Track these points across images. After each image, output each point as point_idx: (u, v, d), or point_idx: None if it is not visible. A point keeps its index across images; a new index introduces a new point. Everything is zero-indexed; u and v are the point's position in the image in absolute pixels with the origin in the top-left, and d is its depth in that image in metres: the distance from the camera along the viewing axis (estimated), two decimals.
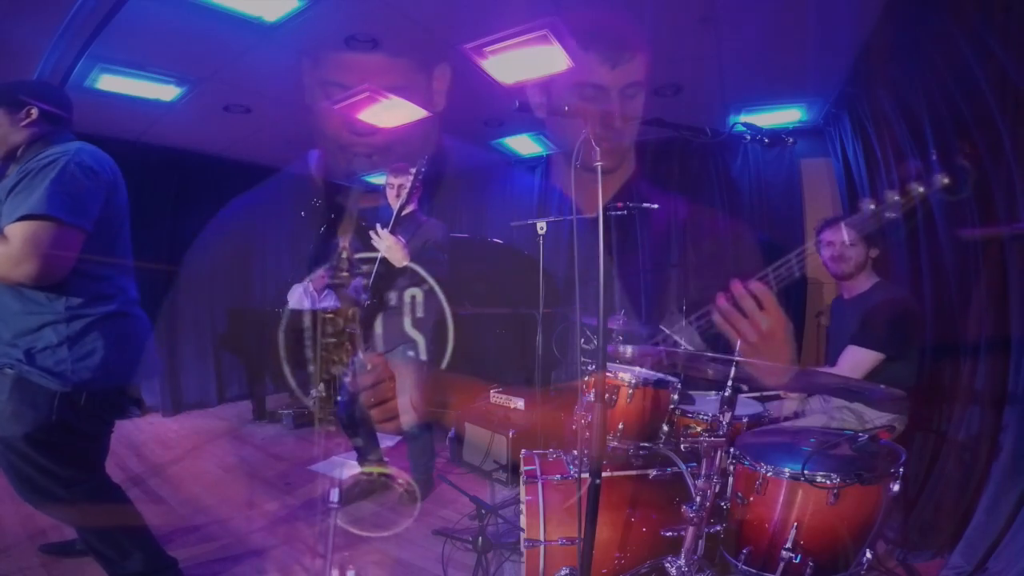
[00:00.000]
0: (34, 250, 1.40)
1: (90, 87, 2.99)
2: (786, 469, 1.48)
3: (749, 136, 1.59)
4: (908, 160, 2.22)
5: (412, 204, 2.59)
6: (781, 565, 1.42)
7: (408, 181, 2.42)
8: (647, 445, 1.81)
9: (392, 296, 2.48)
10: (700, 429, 2.00)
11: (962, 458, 1.96)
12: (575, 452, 1.85)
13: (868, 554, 1.47)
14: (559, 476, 1.75)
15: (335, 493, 1.61)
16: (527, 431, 2.83)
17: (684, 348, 2.12)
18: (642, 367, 2.12)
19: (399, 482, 2.71)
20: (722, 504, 1.62)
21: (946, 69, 1.99)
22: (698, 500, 1.43)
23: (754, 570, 1.51)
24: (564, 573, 1.61)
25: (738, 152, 3.96)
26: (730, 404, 1.48)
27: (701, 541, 1.49)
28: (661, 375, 1.96)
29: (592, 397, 1.26)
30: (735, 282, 1.48)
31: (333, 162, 4.38)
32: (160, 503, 2.58)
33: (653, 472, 1.76)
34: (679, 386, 1.89)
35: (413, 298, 2.49)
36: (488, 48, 2.68)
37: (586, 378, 1.96)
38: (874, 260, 2.14)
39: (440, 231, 2.58)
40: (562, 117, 1.25)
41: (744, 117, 3.63)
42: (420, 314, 2.49)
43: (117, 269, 1.68)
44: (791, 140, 1.60)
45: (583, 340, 2.73)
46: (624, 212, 2.68)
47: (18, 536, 2.16)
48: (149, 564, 1.71)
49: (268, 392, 4.43)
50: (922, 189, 1.38)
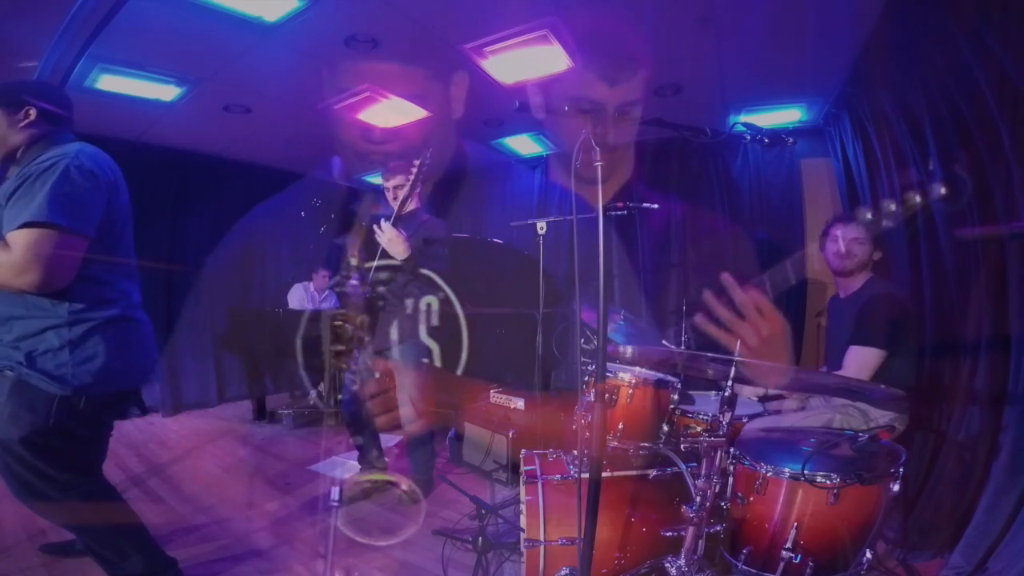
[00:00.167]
0: (36, 258, 1.39)
1: (90, 87, 2.99)
2: (786, 469, 1.48)
3: (749, 136, 1.59)
4: (907, 168, 2.23)
5: (414, 202, 2.59)
6: (781, 565, 1.42)
7: (405, 181, 2.42)
8: (647, 445, 1.81)
9: (408, 302, 2.48)
10: (700, 429, 2.00)
11: (962, 458, 1.96)
12: (575, 452, 1.85)
13: (868, 554, 1.47)
14: (559, 476, 1.75)
15: (336, 492, 1.61)
16: (527, 431, 2.83)
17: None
18: (643, 367, 2.12)
19: (401, 484, 2.71)
20: (722, 504, 1.62)
21: (946, 69, 1.99)
22: (698, 500, 1.43)
23: (754, 570, 1.51)
24: (564, 573, 1.61)
25: (738, 152, 3.96)
26: (730, 404, 1.48)
27: (701, 541, 1.49)
28: (661, 375, 1.96)
29: (592, 397, 1.26)
30: (728, 277, 1.46)
31: (350, 167, 4.38)
32: (160, 503, 2.58)
33: (653, 472, 1.76)
34: (679, 386, 1.89)
35: (429, 305, 2.48)
36: (488, 48, 2.69)
37: (586, 378, 1.96)
38: (875, 262, 2.15)
39: (441, 228, 2.58)
40: (562, 117, 1.25)
41: (744, 117, 3.63)
42: (436, 322, 2.49)
43: (120, 273, 1.66)
44: (791, 140, 1.60)
45: (583, 340, 2.73)
46: (624, 212, 2.68)
47: (18, 536, 2.15)
48: (148, 565, 1.70)
49: (268, 392, 4.43)
50: (919, 199, 1.38)
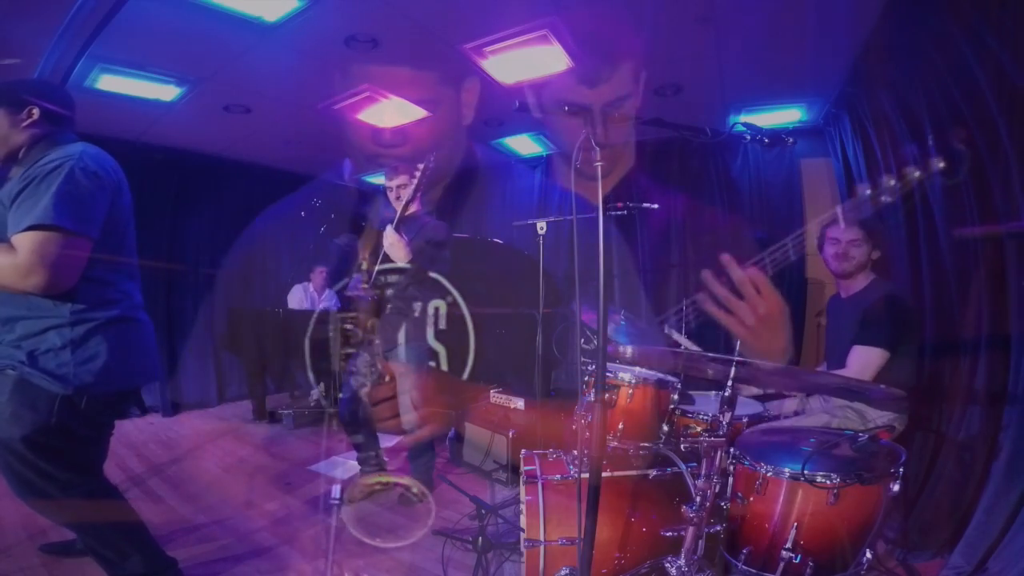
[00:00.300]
0: (42, 260, 1.40)
1: (90, 87, 2.99)
2: (786, 469, 1.48)
3: (749, 136, 1.59)
4: (907, 167, 2.24)
5: (416, 205, 2.59)
6: (781, 565, 1.42)
7: (407, 181, 2.42)
8: (647, 445, 1.81)
9: (417, 306, 2.47)
10: (700, 429, 2.00)
11: (962, 458, 1.96)
12: (575, 452, 1.85)
13: (868, 554, 1.47)
14: (559, 476, 1.75)
15: (337, 490, 1.61)
16: (527, 431, 2.83)
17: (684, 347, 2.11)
18: (643, 367, 2.11)
19: (402, 484, 2.71)
20: (722, 504, 1.62)
21: (946, 69, 1.99)
22: (698, 500, 1.43)
23: (754, 570, 1.51)
24: (564, 573, 1.61)
25: (738, 152, 3.95)
26: (730, 404, 1.47)
27: (701, 541, 1.48)
28: (661, 375, 1.96)
29: (592, 397, 1.26)
30: (727, 258, 1.45)
31: (358, 169, 4.38)
32: (160, 503, 2.58)
33: (653, 472, 1.76)
34: (679, 386, 1.89)
35: (437, 309, 2.48)
36: (488, 48, 2.68)
37: (586, 378, 1.96)
38: (875, 262, 2.15)
39: (442, 231, 2.58)
40: (561, 117, 1.25)
41: (744, 117, 3.63)
42: (443, 325, 2.49)
43: (122, 273, 1.66)
44: (791, 140, 1.60)
45: (583, 340, 2.73)
46: (624, 212, 2.68)
47: (19, 536, 2.15)
48: (149, 564, 1.70)
49: (268, 392, 4.43)
50: (918, 173, 1.38)
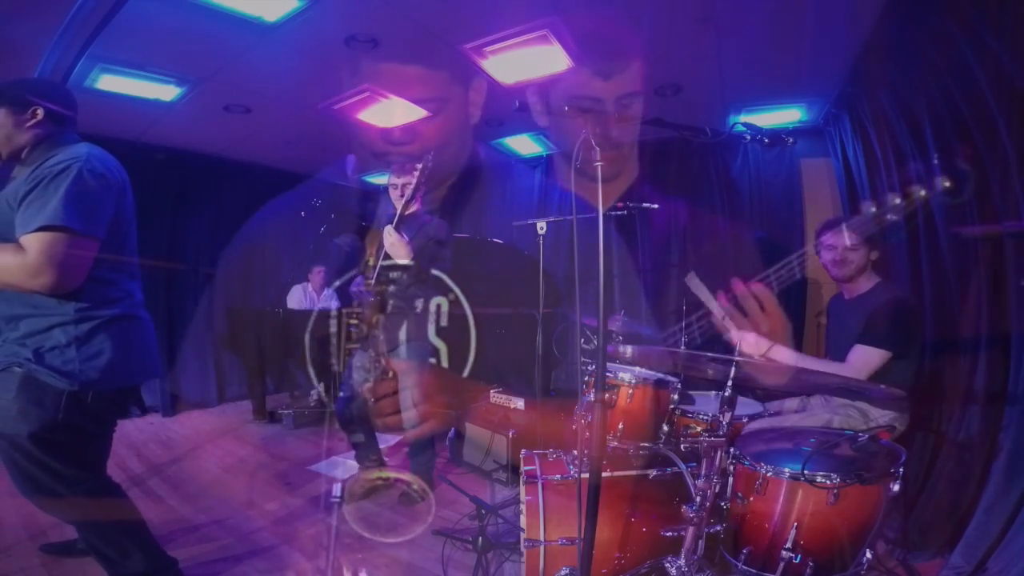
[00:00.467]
0: (51, 261, 1.42)
1: (90, 87, 2.99)
2: (786, 469, 1.48)
3: (749, 136, 1.59)
4: (909, 162, 2.22)
5: (416, 204, 2.59)
6: (781, 565, 1.42)
7: (412, 180, 2.42)
8: (647, 445, 1.81)
9: (418, 303, 2.47)
10: (700, 429, 2.00)
11: (962, 458, 1.96)
12: (575, 452, 1.85)
13: (868, 554, 1.47)
14: (559, 476, 1.75)
15: (338, 488, 1.62)
16: (527, 431, 2.83)
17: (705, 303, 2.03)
18: (643, 367, 2.12)
19: (402, 483, 2.71)
20: (722, 504, 1.62)
21: (946, 69, 1.99)
22: (698, 500, 1.43)
23: (754, 570, 1.51)
24: (564, 573, 1.61)
25: (738, 152, 3.95)
26: (730, 404, 1.48)
27: (701, 541, 1.49)
28: (661, 375, 1.96)
29: (592, 397, 1.26)
30: (736, 282, 1.48)
31: (364, 167, 4.37)
32: (160, 503, 2.58)
33: (653, 472, 1.76)
34: (679, 386, 1.89)
35: (439, 306, 2.48)
36: (488, 48, 2.68)
37: (586, 378, 1.96)
38: (874, 262, 2.14)
39: (443, 229, 2.58)
40: (561, 118, 1.25)
41: (744, 117, 3.63)
42: (444, 322, 2.49)
43: (124, 272, 1.68)
44: (791, 140, 1.60)
45: (583, 340, 2.73)
46: (624, 212, 2.68)
47: (19, 536, 2.15)
48: (149, 564, 1.71)
49: (268, 392, 4.43)
50: (923, 193, 1.38)
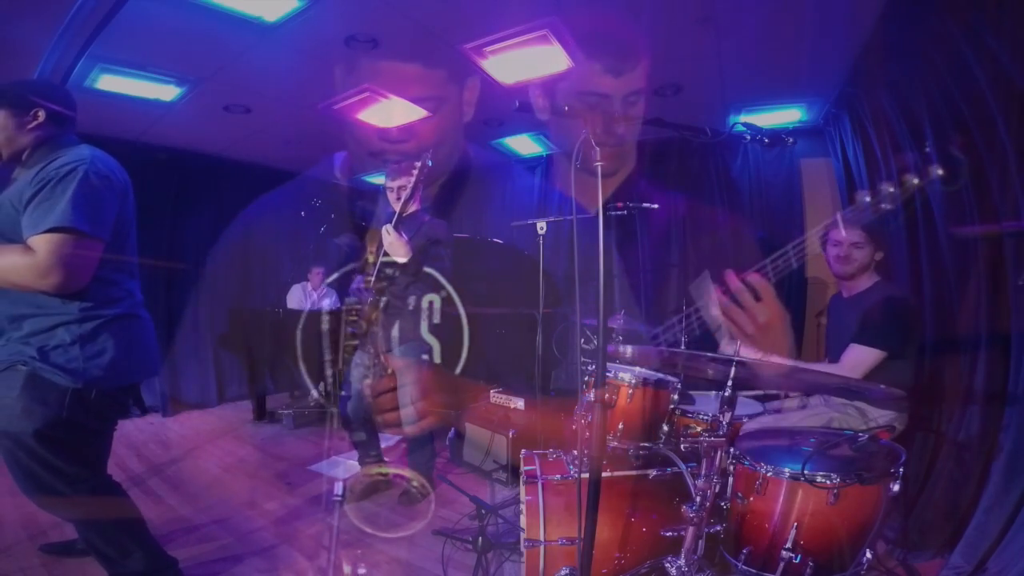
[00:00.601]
0: (59, 261, 1.45)
1: (90, 87, 2.99)
2: (786, 469, 1.48)
3: (749, 136, 1.59)
4: (907, 167, 2.23)
5: (415, 204, 2.59)
6: (781, 565, 1.42)
7: (408, 182, 2.42)
8: (647, 445, 1.81)
9: (411, 300, 2.48)
10: (700, 429, 2.00)
11: (962, 458, 1.96)
12: (575, 452, 1.85)
13: (868, 554, 1.47)
14: (559, 476, 1.75)
15: (340, 487, 1.62)
16: (527, 431, 2.83)
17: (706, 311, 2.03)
18: (643, 367, 2.11)
19: (403, 482, 2.71)
20: (722, 504, 1.62)
21: (946, 69, 1.99)
22: (698, 500, 1.43)
23: (754, 570, 1.51)
24: (564, 573, 1.61)
25: (738, 152, 3.95)
26: (730, 404, 1.48)
27: (701, 541, 1.49)
28: (661, 375, 1.96)
29: (592, 397, 1.26)
30: (730, 275, 1.48)
31: (359, 165, 4.37)
32: (160, 503, 2.58)
33: (653, 472, 1.76)
34: (679, 386, 1.89)
35: (431, 303, 2.48)
36: (488, 48, 2.68)
37: (586, 378, 1.96)
38: (878, 263, 2.14)
39: (442, 229, 2.58)
40: (563, 117, 1.25)
41: (744, 117, 3.63)
42: (437, 319, 2.49)
43: (125, 272, 1.71)
44: (791, 140, 1.60)
45: (583, 340, 2.73)
46: (624, 212, 2.68)
47: (19, 536, 2.15)
48: (150, 563, 1.71)
49: (268, 392, 4.43)
50: (917, 180, 1.39)
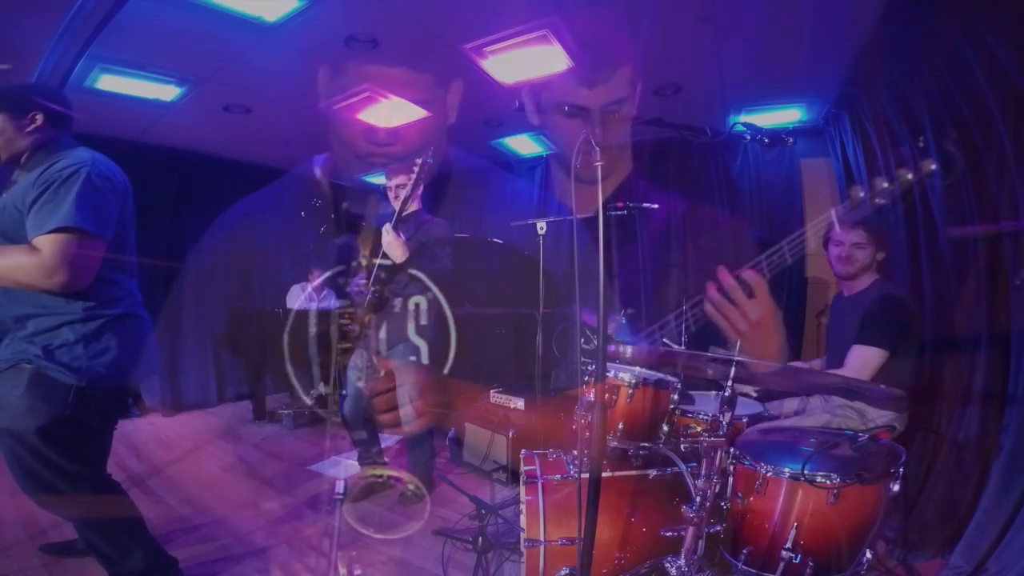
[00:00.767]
0: (64, 261, 1.46)
1: (90, 87, 2.99)
2: (786, 469, 1.48)
3: (749, 136, 1.59)
4: (907, 167, 2.23)
5: (415, 203, 2.59)
6: (781, 565, 1.42)
7: (407, 180, 2.42)
8: (647, 445, 1.81)
9: (397, 302, 2.49)
10: (700, 429, 2.00)
11: (962, 458, 1.96)
12: (575, 452, 1.85)
13: (868, 554, 1.47)
14: (559, 476, 1.75)
15: (341, 485, 1.62)
16: (527, 431, 2.83)
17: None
18: (643, 366, 2.11)
19: (402, 483, 2.71)
20: (722, 504, 1.62)
21: (946, 69, 1.99)
22: (698, 500, 1.43)
23: (754, 570, 1.51)
24: (564, 573, 1.61)
25: (738, 152, 3.95)
26: (730, 404, 1.47)
27: (701, 541, 1.48)
28: (661, 375, 1.96)
29: (592, 397, 1.25)
30: (723, 272, 1.48)
31: (344, 167, 4.37)
32: (160, 503, 2.58)
33: (653, 472, 1.76)
34: (679, 386, 1.89)
35: (417, 305, 2.49)
36: (488, 48, 2.68)
37: (586, 378, 1.96)
38: (879, 263, 2.14)
39: (443, 229, 2.58)
40: (557, 119, 1.25)
41: (744, 117, 3.63)
42: (424, 321, 2.50)
43: (125, 272, 1.72)
44: (791, 140, 1.60)
45: (583, 340, 2.73)
46: (624, 212, 2.68)
47: (19, 536, 2.16)
48: (149, 562, 1.71)
49: (268, 392, 4.43)
50: (911, 176, 1.39)
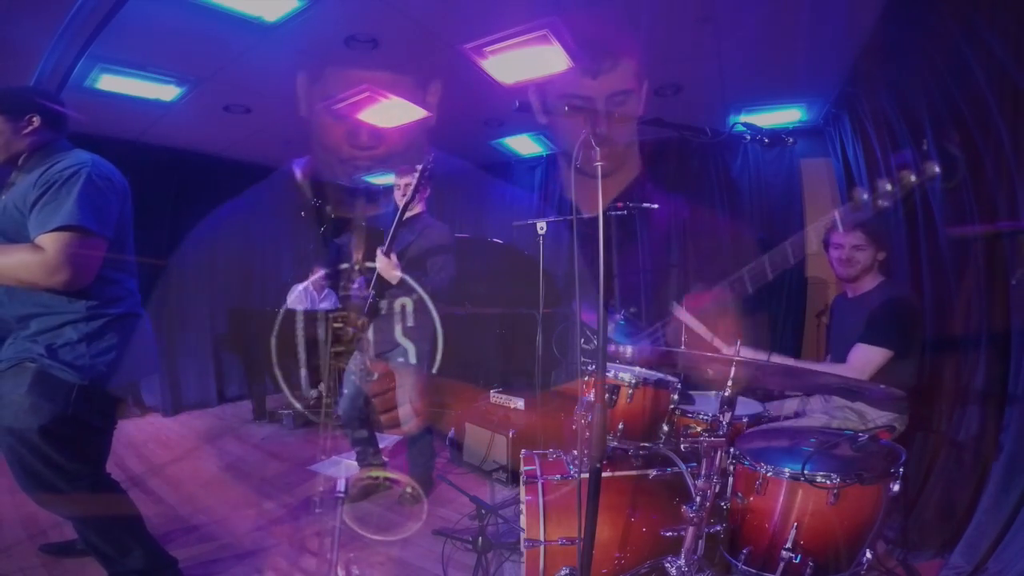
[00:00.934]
0: (67, 259, 1.48)
1: (90, 87, 2.99)
2: (786, 469, 1.48)
3: (749, 136, 1.58)
4: (907, 167, 2.24)
5: (419, 205, 2.58)
6: (781, 565, 1.42)
7: (414, 180, 2.42)
8: (647, 445, 1.81)
9: (383, 304, 2.50)
10: (700, 429, 2.00)
11: (962, 458, 1.96)
12: (575, 452, 1.85)
13: (868, 554, 1.47)
14: (559, 476, 1.75)
15: (342, 484, 1.62)
16: (527, 431, 2.83)
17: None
18: (643, 366, 2.11)
19: (401, 483, 2.71)
20: (722, 504, 1.62)
21: (946, 69, 1.99)
22: (698, 500, 1.43)
23: (754, 570, 1.51)
24: (564, 573, 1.61)
25: (738, 152, 3.95)
26: (730, 404, 1.48)
27: (701, 541, 1.49)
28: (661, 375, 1.96)
29: (592, 397, 1.26)
30: (690, 297, 1.50)
31: (327, 170, 4.37)
32: (160, 503, 2.58)
33: (653, 472, 1.76)
34: (679, 386, 1.89)
35: (403, 307, 2.50)
36: (488, 48, 2.68)
37: (586, 378, 1.96)
38: (881, 263, 2.14)
39: (444, 235, 2.57)
40: (559, 117, 1.25)
41: (744, 117, 3.63)
42: (410, 323, 2.51)
43: (125, 272, 1.73)
44: (791, 140, 1.60)
45: (583, 340, 2.73)
46: (624, 212, 2.67)
47: (19, 536, 2.16)
48: (149, 562, 1.72)
49: (268, 392, 4.42)
50: (915, 178, 1.39)
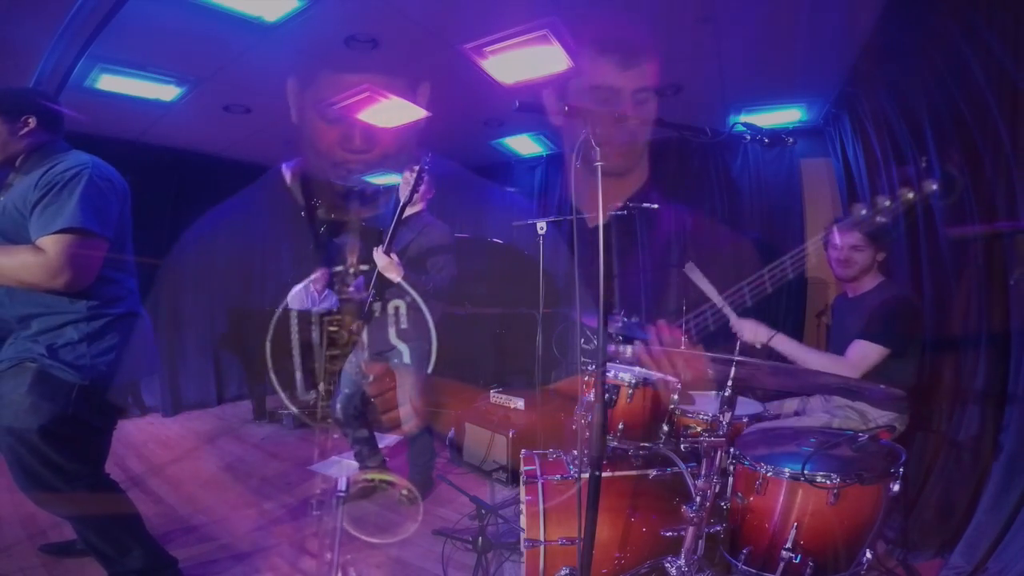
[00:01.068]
0: (69, 260, 1.48)
1: (90, 87, 2.98)
2: (786, 469, 1.48)
3: (749, 136, 1.58)
4: (901, 165, 2.23)
5: (420, 203, 2.58)
6: (781, 565, 1.42)
7: (412, 178, 2.42)
8: (647, 445, 1.81)
9: (377, 306, 2.50)
10: (700, 429, 2.00)
11: (962, 458, 1.96)
12: (575, 452, 1.85)
13: (868, 554, 1.47)
14: (559, 476, 1.75)
15: (343, 483, 1.62)
16: (527, 431, 2.83)
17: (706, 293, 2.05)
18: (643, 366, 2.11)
19: (400, 484, 2.71)
20: (722, 504, 1.62)
21: (946, 69, 1.99)
22: (698, 500, 1.43)
23: (754, 570, 1.51)
24: (564, 573, 1.61)
25: (738, 152, 3.95)
26: (730, 404, 1.48)
27: (701, 541, 1.49)
28: (661, 375, 1.95)
29: (592, 397, 1.26)
30: (661, 326, 1.51)
31: (319, 172, 4.36)
32: (160, 503, 2.58)
33: (653, 472, 1.76)
34: (679, 386, 1.88)
35: (396, 309, 2.50)
36: (488, 48, 2.68)
37: (586, 378, 1.96)
38: (880, 263, 2.14)
39: (444, 235, 2.57)
40: (565, 117, 1.25)
41: (744, 117, 3.63)
42: (404, 325, 2.51)
43: (125, 272, 1.74)
44: (791, 140, 1.60)
45: (583, 340, 2.73)
46: (624, 212, 2.68)
47: (18, 536, 2.15)
48: (149, 562, 1.72)
49: (268, 392, 4.42)
50: (913, 195, 1.40)
